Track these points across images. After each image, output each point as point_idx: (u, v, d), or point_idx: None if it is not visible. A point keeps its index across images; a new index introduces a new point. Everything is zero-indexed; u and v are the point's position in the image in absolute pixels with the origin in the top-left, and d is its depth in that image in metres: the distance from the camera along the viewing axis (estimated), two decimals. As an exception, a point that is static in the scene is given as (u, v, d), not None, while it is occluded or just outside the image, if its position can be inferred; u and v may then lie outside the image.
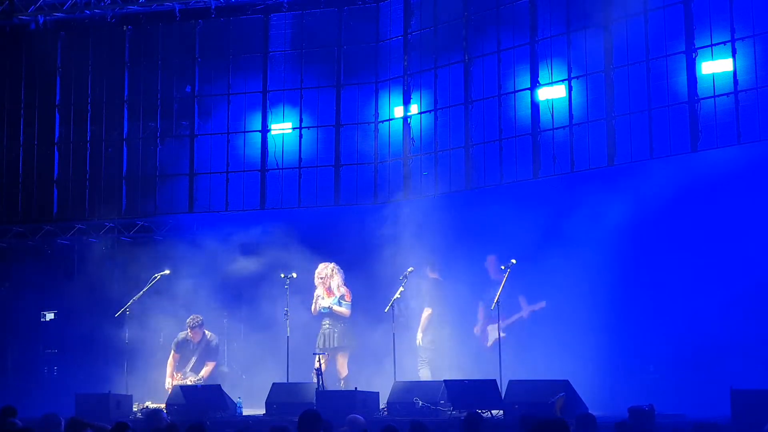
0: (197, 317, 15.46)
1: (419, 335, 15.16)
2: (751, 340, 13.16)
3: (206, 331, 15.55)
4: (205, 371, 15.29)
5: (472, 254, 15.15)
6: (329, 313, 15.03)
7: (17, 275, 19.22)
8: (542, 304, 14.51)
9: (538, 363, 14.12)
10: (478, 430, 9.37)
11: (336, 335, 15.00)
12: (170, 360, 15.58)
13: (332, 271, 15.17)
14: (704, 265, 13.61)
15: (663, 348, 13.74)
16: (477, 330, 15.07)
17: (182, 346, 15.57)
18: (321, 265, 15.28)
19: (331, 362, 14.99)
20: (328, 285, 15.10)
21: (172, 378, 15.38)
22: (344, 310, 15.06)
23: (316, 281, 15.24)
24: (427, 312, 15.15)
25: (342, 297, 15.10)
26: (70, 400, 13.73)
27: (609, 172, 14.77)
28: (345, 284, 15.20)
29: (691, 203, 13.93)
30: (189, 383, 14.97)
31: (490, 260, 14.81)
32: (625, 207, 14.24)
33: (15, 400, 16.05)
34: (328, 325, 15.05)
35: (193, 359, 15.47)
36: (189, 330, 15.43)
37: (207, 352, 15.47)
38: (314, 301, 15.22)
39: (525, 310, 14.54)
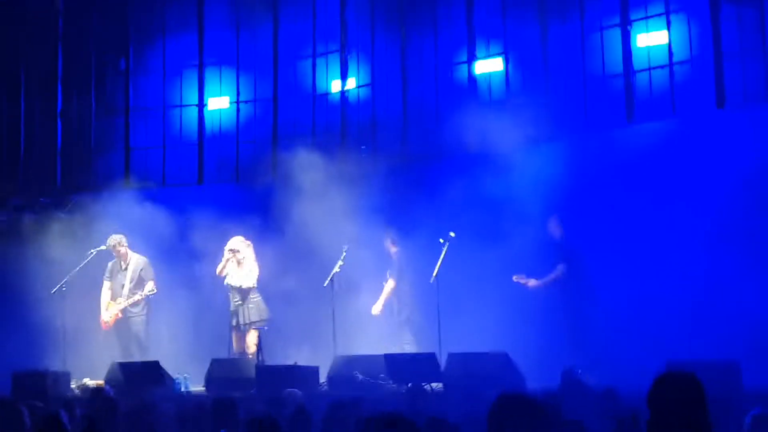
0: (116, 236, 15.26)
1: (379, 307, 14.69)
2: (690, 312, 13.29)
3: (133, 253, 15.37)
4: (144, 291, 15.15)
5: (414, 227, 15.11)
6: (239, 289, 14.97)
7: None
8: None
9: (479, 334, 14.12)
10: (424, 401, 9.46)
11: (250, 310, 14.93)
12: (104, 291, 15.40)
13: (245, 247, 15.09)
14: (639, 237, 13.74)
15: (603, 321, 13.83)
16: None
17: (113, 274, 15.39)
18: (236, 239, 15.12)
19: (242, 338, 14.96)
20: (241, 258, 15.01)
21: (107, 309, 15.23)
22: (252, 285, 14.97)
23: (227, 253, 15.14)
24: (390, 285, 14.68)
25: (250, 271, 15.06)
26: (5, 380, 13.57)
27: (547, 147, 14.82)
28: (256, 260, 15.13)
29: (627, 175, 14.04)
30: (129, 303, 15.01)
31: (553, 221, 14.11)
32: (562, 179, 14.31)
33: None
34: (239, 302, 14.94)
35: (127, 285, 15.26)
36: (114, 253, 15.27)
37: (140, 277, 15.27)
38: (223, 265, 15.00)
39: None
